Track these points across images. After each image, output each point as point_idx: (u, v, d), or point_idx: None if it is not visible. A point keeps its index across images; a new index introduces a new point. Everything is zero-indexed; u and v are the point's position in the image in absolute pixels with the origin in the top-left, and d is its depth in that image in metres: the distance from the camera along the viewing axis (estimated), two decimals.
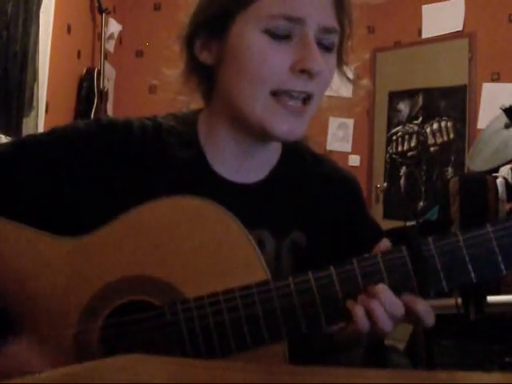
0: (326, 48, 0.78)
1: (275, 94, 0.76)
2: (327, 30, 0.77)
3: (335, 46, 0.80)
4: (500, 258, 0.66)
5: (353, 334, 0.72)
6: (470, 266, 0.66)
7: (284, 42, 0.75)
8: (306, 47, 0.75)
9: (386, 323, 0.67)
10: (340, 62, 0.85)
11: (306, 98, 0.77)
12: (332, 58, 0.80)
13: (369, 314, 0.67)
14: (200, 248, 0.72)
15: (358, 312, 0.67)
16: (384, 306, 0.67)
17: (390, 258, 0.68)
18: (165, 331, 0.71)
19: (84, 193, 0.80)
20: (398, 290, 0.68)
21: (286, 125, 0.77)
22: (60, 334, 0.72)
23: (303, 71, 0.75)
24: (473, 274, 0.67)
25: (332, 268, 0.69)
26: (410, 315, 0.68)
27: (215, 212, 0.73)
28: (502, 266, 0.66)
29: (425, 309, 0.68)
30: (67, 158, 0.81)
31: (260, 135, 0.81)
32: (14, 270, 0.74)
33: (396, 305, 0.67)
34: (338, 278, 0.69)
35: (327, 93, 0.83)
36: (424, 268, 0.67)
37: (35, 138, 0.85)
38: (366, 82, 0.92)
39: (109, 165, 0.81)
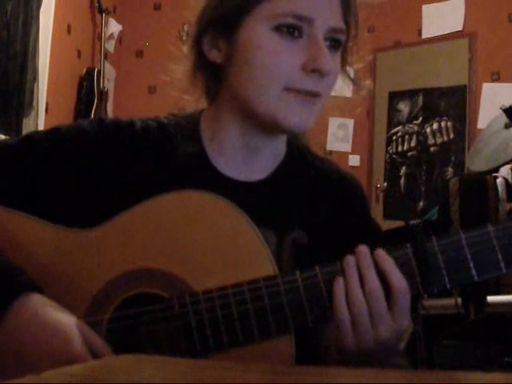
0: (332, 47, 0.79)
1: (286, 89, 0.78)
2: (335, 31, 0.79)
3: (341, 45, 0.81)
4: (500, 257, 0.68)
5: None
6: (471, 264, 0.68)
7: (294, 42, 0.77)
8: (316, 47, 0.77)
9: (363, 307, 0.68)
10: (343, 63, 0.86)
11: (315, 95, 0.79)
12: (338, 57, 0.82)
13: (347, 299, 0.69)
14: (208, 241, 0.73)
15: (338, 291, 0.69)
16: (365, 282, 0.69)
17: (395, 255, 0.70)
18: (173, 323, 0.71)
19: (86, 190, 0.81)
20: None
21: (297, 117, 0.78)
22: None
23: (314, 70, 0.77)
24: (474, 272, 0.68)
25: (338, 263, 0.71)
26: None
27: (223, 206, 0.73)
28: (502, 265, 0.68)
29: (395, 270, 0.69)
30: (71, 155, 0.81)
31: (270, 128, 0.82)
32: (21, 261, 0.73)
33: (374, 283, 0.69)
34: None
35: None
36: (428, 265, 0.68)
37: (39, 135, 0.85)
38: (368, 82, 0.94)
39: (112, 163, 0.82)
